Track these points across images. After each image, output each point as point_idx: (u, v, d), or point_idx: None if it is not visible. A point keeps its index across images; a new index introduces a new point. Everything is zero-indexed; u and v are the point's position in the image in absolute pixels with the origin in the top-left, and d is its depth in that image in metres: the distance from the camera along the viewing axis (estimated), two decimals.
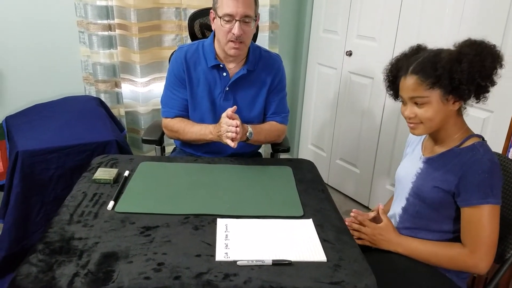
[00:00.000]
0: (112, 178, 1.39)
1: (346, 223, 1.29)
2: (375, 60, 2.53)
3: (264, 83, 1.70)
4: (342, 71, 2.78)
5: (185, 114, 1.71)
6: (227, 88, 1.66)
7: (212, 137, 1.58)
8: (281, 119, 1.77)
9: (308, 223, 1.21)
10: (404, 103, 1.25)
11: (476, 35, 1.91)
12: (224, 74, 1.65)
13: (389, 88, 1.32)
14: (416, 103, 1.21)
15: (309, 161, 1.65)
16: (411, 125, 1.24)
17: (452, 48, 1.19)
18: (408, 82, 1.20)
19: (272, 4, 2.69)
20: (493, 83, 1.17)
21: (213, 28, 1.61)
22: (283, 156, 1.93)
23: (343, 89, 2.81)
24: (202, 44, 1.68)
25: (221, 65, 1.63)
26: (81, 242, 1.08)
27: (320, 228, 1.19)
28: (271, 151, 1.88)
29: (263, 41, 2.69)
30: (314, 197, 1.37)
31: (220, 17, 1.52)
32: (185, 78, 1.66)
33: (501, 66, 1.16)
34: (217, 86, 1.66)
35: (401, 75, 1.23)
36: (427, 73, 1.17)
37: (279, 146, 1.84)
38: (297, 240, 1.13)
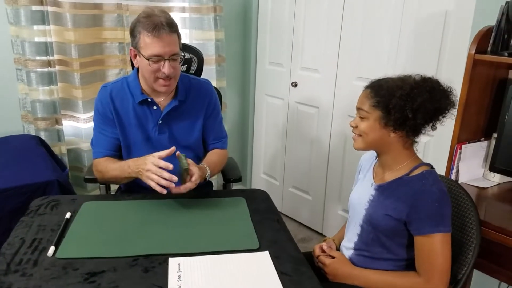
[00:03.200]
0: None
1: None
2: (319, 90, 2.61)
3: (198, 112, 1.69)
4: (289, 102, 2.84)
5: (115, 154, 1.65)
6: (160, 121, 1.62)
7: (131, 171, 1.46)
8: (222, 144, 1.78)
9: (265, 256, 1.18)
10: None
11: (412, 66, 2.05)
12: (155, 107, 1.61)
13: None
14: (361, 116, 1.26)
15: (262, 191, 1.64)
16: (353, 135, 1.30)
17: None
18: (362, 94, 1.27)
19: (218, 38, 2.74)
20: (427, 121, 1.20)
21: (135, 65, 1.56)
22: (235, 186, 1.90)
23: (291, 118, 2.86)
24: (126, 80, 1.64)
25: (149, 99, 1.60)
26: None
27: (277, 260, 1.17)
28: (223, 181, 1.85)
29: (210, 74, 2.70)
30: (269, 227, 1.35)
31: (146, 58, 1.47)
32: (112, 117, 1.61)
33: (440, 110, 1.19)
34: (149, 120, 1.63)
35: None
36: (376, 91, 1.22)
37: (231, 176, 1.82)
38: (254, 275, 1.10)
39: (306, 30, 2.62)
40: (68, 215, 1.36)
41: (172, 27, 1.48)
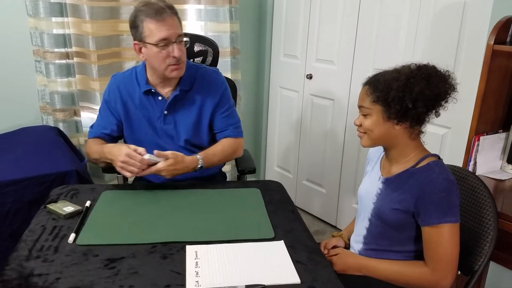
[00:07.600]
0: (64, 214, 1.31)
1: None
2: (334, 82, 2.59)
3: (205, 102, 1.67)
4: (303, 94, 2.83)
5: (104, 136, 1.70)
6: (165, 112, 1.64)
7: (107, 157, 1.53)
8: (231, 132, 1.72)
9: (280, 245, 1.19)
10: None
11: (430, 57, 2.02)
12: (160, 98, 1.63)
13: None
14: (363, 113, 1.26)
15: (277, 182, 1.65)
16: (358, 133, 1.30)
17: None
18: (361, 92, 1.26)
19: (233, 31, 2.74)
20: (429, 109, 1.18)
21: (141, 59, 1.58)
22: (250, 178, 1.91)
23: (305, 111, 2.85)
24: (135, 71, 1.68)
25: (152, 90, 1.62)
26: (41, 278, 1.01)
27: (292, 249, 1.18)
28: (237, 173, 1.87)
29: (225, 66, 2.71)
30: (284, 218, 1.36)
31: (154, 44, 1.50)
32: (116, 107, 1.66)
33: (439, 95, 1.17)
34: (154, 110, 1.65)
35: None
36: (375, 87, 1.21)
37: (245, 168, 1.83)
38: (269, 263, 1.11)
39: (321, 21, 2.60)
40: (88, 203, 1.39)
41: (172, 9, 1.53)
